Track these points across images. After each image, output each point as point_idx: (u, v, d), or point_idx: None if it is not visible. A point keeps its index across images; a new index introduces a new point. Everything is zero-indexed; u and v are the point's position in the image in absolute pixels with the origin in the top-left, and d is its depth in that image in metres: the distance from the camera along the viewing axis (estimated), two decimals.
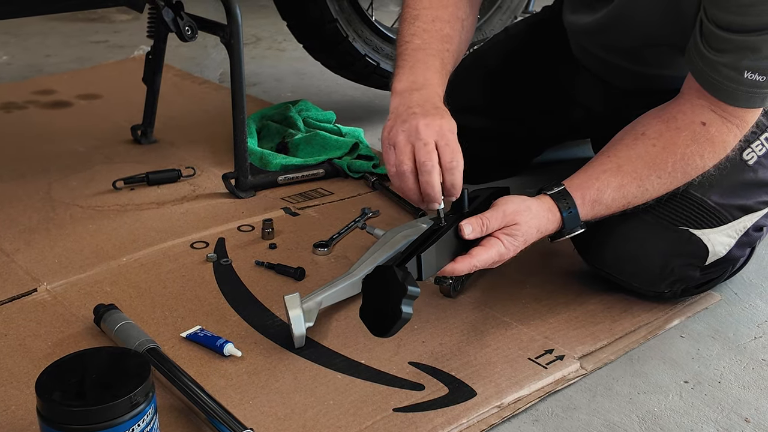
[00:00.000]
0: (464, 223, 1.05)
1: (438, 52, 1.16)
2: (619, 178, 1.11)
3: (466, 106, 1.57)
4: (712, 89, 1.07)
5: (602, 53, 1.38)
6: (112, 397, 0.81)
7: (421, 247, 1.00)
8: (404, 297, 0.93)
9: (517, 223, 1.07)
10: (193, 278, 1.27)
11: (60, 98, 2.13)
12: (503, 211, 1.07)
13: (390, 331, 0.95)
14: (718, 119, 1.09)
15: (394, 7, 2.84)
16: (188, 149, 1.78)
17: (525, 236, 1.08)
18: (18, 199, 1.52)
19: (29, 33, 2.89)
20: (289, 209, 1.51)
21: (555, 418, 1.01)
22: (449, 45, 1.17)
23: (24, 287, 1.23)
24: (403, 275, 0.94)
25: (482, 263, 1.05)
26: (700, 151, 1.11)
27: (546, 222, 1.10)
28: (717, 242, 1.16)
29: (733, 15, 1.01)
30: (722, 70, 1.05)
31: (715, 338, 1.17)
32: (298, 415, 0.99)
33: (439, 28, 1.18)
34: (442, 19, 1.18)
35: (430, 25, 1.18)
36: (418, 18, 1.18)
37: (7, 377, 1.04)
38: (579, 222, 1.12)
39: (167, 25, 1.53)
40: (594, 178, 1.12)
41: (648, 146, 1.12)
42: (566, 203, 1.11)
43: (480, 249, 1.05)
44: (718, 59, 1.05)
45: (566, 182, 1.13)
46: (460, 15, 1.20)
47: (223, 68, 2.51)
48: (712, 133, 1.10)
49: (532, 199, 1.11)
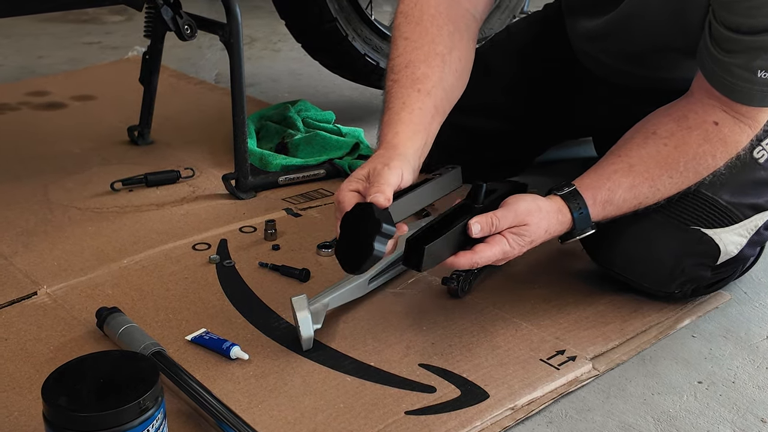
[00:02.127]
0: (473, 221, 1.03)
1: (405, 99, 1.10)
2: (631, 178, 1.10)
3: (468, 106, 1.55)
4: (725, 90, 1.06)
5: (605, 58, 1.37)
6: (121, 401, 0.79)
7: (428, 239, 1.00)
8: (378, 234, 0.94)
9: (527, 224, 1.05)
10: (196, 280, 1.25)
11: (54, 99, 2.10)
12: (515, 211, 1.05)
13: (360, 267, 0.96)
14: (730, 119, 1.09)
15: (387, 8, 2.82)
16: (186, 150, 1.76)
17: (533, 237, 1.06)
18: (15, 202, 1.50)
19: (21, 34, 2.86)
20: (291, 210, 1.49)
21: (569, 420, 1.00)
22: (421, 85, 1.11)
23: (24, 290, 1.21)
24: (379, 213, 0.94)
25: (484, 260, 1.04)
26: (712, 150, 1.10)
27: (556, 223, 1.09)
28: (729, 242, 1.15)
29: (741, 17, 1.01)
30: (735, 71, 1.04)
31: (727, 338, 1.16)
32: (308, 418, 0.97)
33: (411, 74, 1.12)
34: (416, 61, 1.13)
35: (401, 73, 1.13)
36: (392, 69, 1.14)
37: (9, 382, 1.02)
38: (590, 223, 1.11)
39: (166, 24, 1.50)
40: (605, 178, 1.11)
41: (659, 145, 1.11)
42: (577, 204, 1.09)
43: (484, 246, 1.04)
44: (730, 60, 1.04)
45: (576, 182, 1.12)
46: (439, 50, 1.14)
47: (218, 69, 2.49)
48: (725, 132, 1.09)
49: (543, 199, 1.09)
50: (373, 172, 1.00)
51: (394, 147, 1.06)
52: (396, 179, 0.99)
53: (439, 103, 1.13)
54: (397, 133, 1.07)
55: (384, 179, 0.98)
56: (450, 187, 1.11)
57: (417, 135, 1.08)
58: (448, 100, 1.16)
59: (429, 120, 1.11)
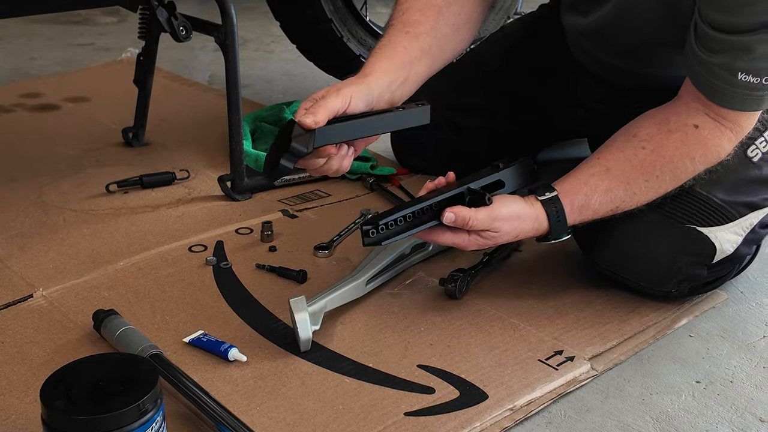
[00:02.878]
0: (449, 210, 1.06)
1: (392, 38, 1.15)
2: (607, 182, 1.11)
3: (464, 106, 1.56)
4: (706, 91, 1.06)
5: (600, 54, 1.37)
6: (121, 404, 0.79)
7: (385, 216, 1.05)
8: (286, 152, 0.99)
9: (498, 231, 1.08)
10: (192, 282, 1.25)
11: (47, 101, 2.09)
12: (492, 217, 1.07)
13: (268, 175, 1.05)
14: (711, 122, 1.08)
15: (381, 9, 2.82)
16: (181, 151, 1.75)
17: (498, 240, 1.10)
18: (8, 204, 1.49)
19: (12, 35, 2.84)
20: (287, 211, 1.49)
21: (568, 420, 1.00)
22: (411, 28, 1.16)
23: (19, 293, 1.20)
24: (298, 132, 0.99)
25: (434, 241, 1.11)
26: (690, 153, 1.09)
27: (530, 229, 1.11)
28: (724, 240, 1.16)
29: (726, 15, 1.00)
30: (716, 72, 1.04)
31: (724, 337, 1.17)
32: (308, 420, 0.96)
33: (406, 18, 1.17)
34: (412, 8, 1.18)
35: (396, 19, 1.18)
36: (390, 17, 1.19)
37: (6, 386, 1.01)
38: (566, 229, 1.12)
39: (161, 25, 1.50)
40: (582, 183, 1.12)
41: (637, 149, 1.11)
42: (555, 211, 1.11)
43: (443, 232, 1.08)
44: (712, 60, 1.03)
45: (557, 185, 1.12)
46: (437, 2, 1.19)
47: (211, 70, 2.48)
48: (704, 135, 1.09)
49: (525, 206, 1.10)
50: (321, 95, 1.04)
51: (364, 76, 1.10)
52: (338, 105, 1.03)
53: (426, 48, 1.16)
54: (372, 64, 1.12)
55: (323, 103, 1.02)
56: (410, 122, 1.10)
57: (395, 70, 1.12)
58: (439, 48, 1.18)
59: (411, 60, 1.14)
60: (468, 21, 1.23)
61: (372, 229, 1.04)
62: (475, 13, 1.24)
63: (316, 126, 1.00)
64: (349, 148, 1.08)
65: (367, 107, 1.08)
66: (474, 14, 1.24)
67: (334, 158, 1.06)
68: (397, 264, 1.26)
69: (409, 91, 1.15)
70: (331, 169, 1.07)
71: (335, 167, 1.07)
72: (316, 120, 1.00)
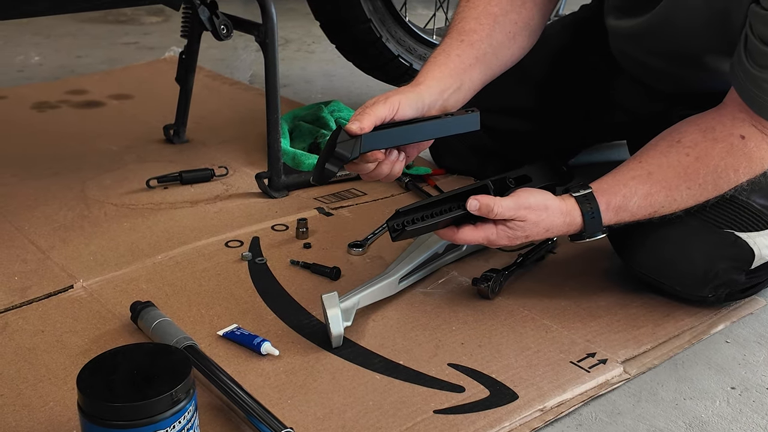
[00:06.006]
0: (473, 197, 1.06)
1: (446, 47, 1.16)
2: (648, 186, 1.09)
3: (503, 108, 1.56)
4: (754, 105, 1.05)
5: (643, 57, 1.36)
6: (154, 393, 0.80)
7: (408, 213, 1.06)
8: (332, 157, 1.02)
9: (524, 220, 1.07)
10: (228, 277, 1.26)
11: (92, 98, 2.13)
12: (518, 205, 1.07)
13: (317, 178, 1.06)
14: (758, 134, 1.07)
15: (422, 10, 2.83)
16: (220, 149, 1.78)
17: (527, 233, 1.08)
18: (53, 197, 1.52)
19: (59, 34, 2.91)
20: (322, 209, 1.50)
21: (599, 423, 0.99)
22: (466, 36, 1.17)
23: (60, 284, 1.23)
24: (344, 138, 1.01)
25: (464, 241, 1.09)
26: (735, 164, 1.08)
27: (561, 224, 1.10)
28: (763, 245, 1.14)
29: None
30: (765, 87, 1.03)
31: (761, 344, 1.15)
32: (337, 415, 0.97)
33: (461, 27, 1.19)
34: (468, 17, 1.19)
35: (452, 28, 1.20)
36: (448, 26, 1.21)
37: (45, 373, 1.03)
38: (601, 227, 1.11)
39: (203, 23, 1.52)
40: (622, 184, 1.11)
41: (681, 155, 1.10)
42: (590, 207, 1.09)
43: (470, 229, 1.08)
44: (761, 75, 1.02)
45: (594, 185, 1.11)
46: (493, 11, 1.20)
47: (252, 69, 2.51)
48: (750, 147, 1.07)
49: (554, 199, 1.10)
50: (371, 103, 1.05)
51: (416, 84, 1.11)
52: (385, 112, 1.03)
53: (481, 56, 1.17)
54: (425, 72, 1.13)
55: (370, 110, 1.03)
56: (459, 128, 1.11)
57: (447, 78, 1.13)
58: (495, 56, 1.19)
59: (465, 67, 1.15)
60: (525, 28, 1.24)
61: (397, 222, 1.05)
62: (533, 21, 1.25)
63: (362, 132, 1.01)
64: (400, 153, 1.09)
65: (417, 114, 1.08)
66: (531, 22, 1.25)
67: (383, 163, 1.06)
68: (430, 263, 1.26)
69: (464, 98, 1.16)
70: (381, 173, 1.08)
71: (385, 172, 1.08)
72: (362, 126, 1.01)
